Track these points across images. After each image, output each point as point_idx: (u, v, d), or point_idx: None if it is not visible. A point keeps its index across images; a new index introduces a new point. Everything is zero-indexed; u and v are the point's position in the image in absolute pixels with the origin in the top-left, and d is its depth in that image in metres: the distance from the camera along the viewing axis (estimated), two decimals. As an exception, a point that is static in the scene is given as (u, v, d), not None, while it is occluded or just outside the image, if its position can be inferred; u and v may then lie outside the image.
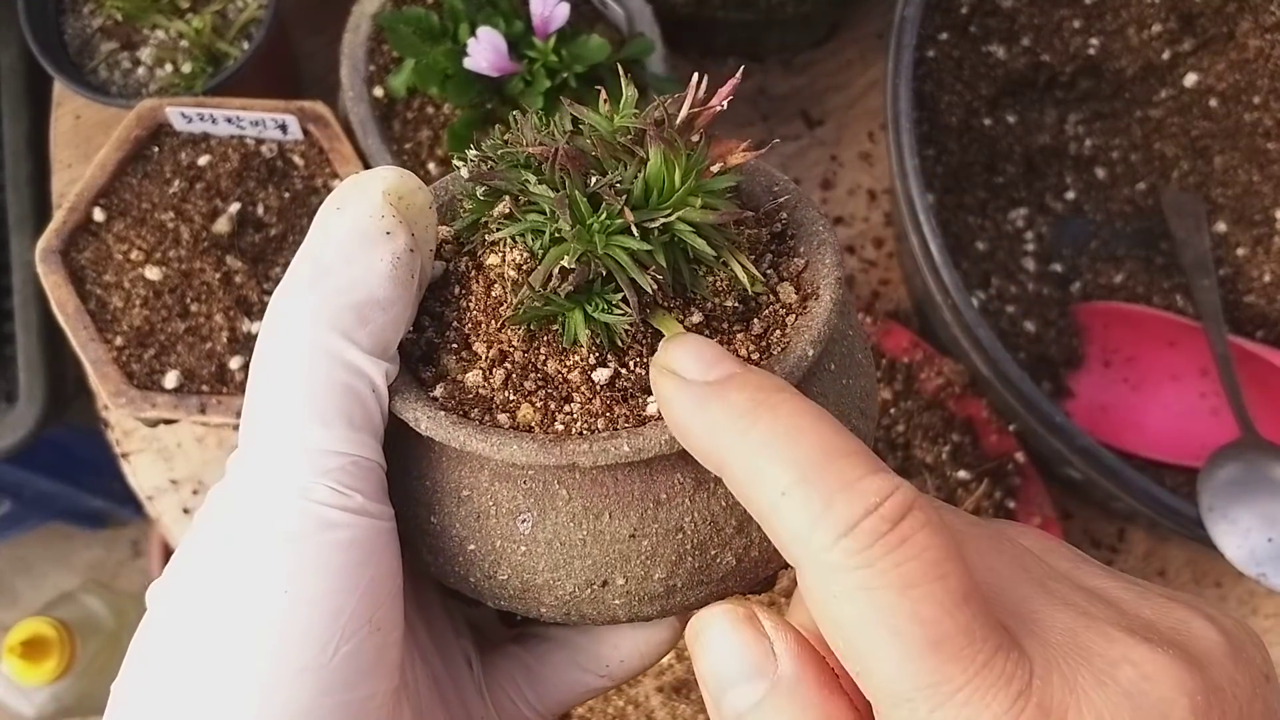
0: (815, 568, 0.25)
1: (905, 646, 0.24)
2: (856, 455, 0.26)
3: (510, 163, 0.32)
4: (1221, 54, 0.82)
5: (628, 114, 0.32)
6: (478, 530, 0.32)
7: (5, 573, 1.61)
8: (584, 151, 0.31)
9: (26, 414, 0.94)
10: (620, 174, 0.31)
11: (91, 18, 0.80)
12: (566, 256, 0.30)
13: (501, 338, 0.33)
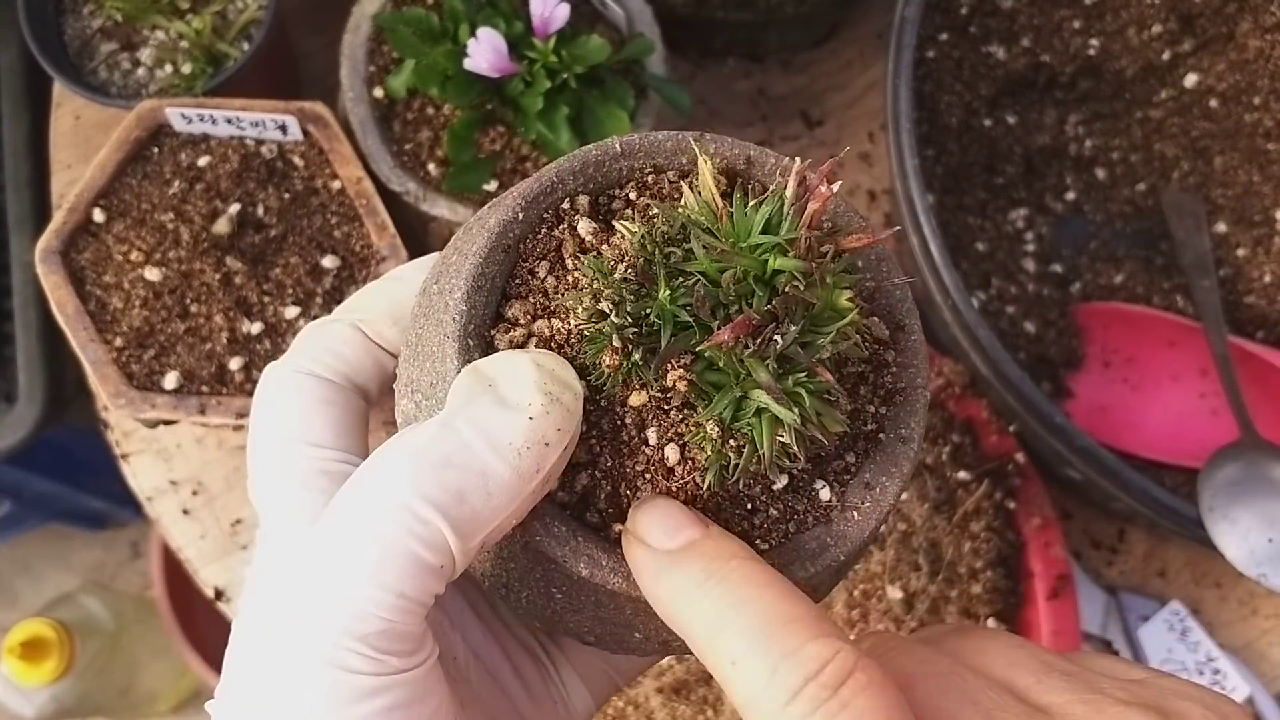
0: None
1: None
2: (800, 621, 0.27)
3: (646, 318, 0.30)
4: (1221, 54, 0.82)
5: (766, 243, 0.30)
6: (597, 620, 0.34)
7: (5, 573, 1.61)
8: (764, 315, 0.29)
9: (26, 414, 0.94)
10: (793, 324, 0.29)
11: (91, 18, 0.80)
12: (782, 433, 0.30)
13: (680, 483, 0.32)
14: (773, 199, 0.30)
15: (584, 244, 0.34)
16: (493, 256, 0.33)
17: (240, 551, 0.82)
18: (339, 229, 0.72)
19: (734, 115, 0.91)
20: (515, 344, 0.33)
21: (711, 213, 0.31)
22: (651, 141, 0.35)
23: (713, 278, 0.30)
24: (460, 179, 0.70)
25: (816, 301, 0.29)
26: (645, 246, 0.31)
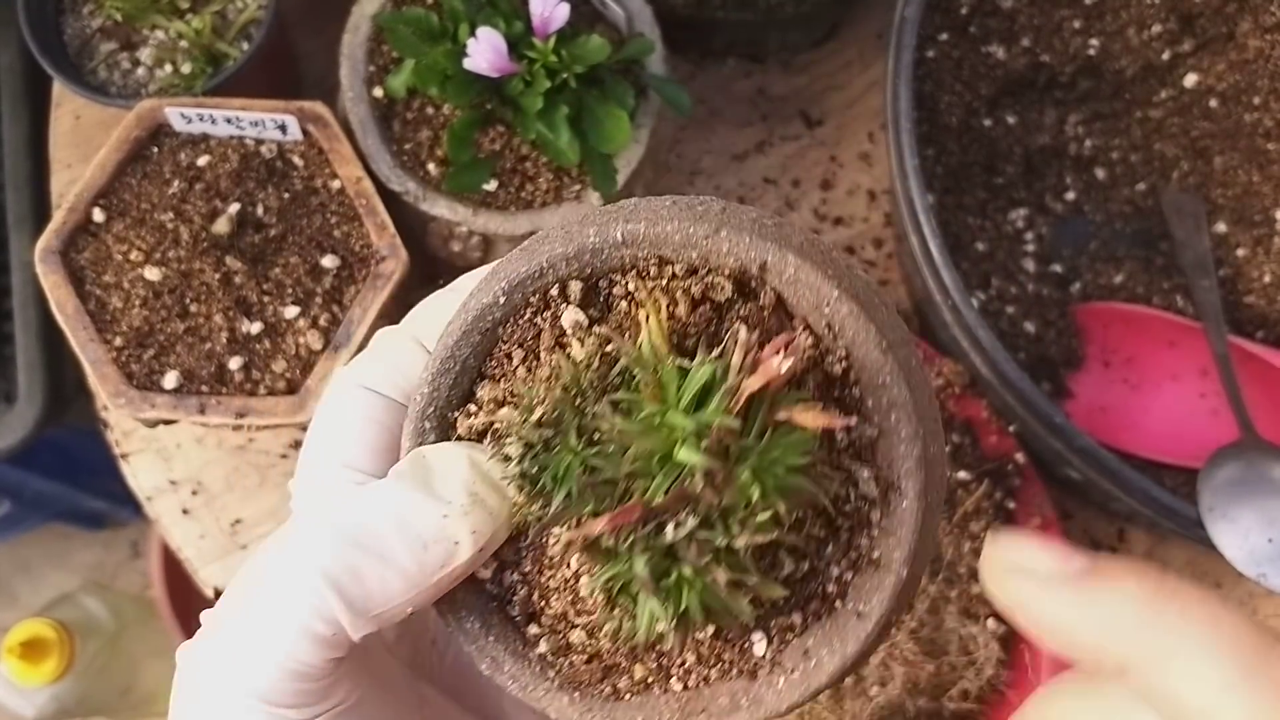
0: None
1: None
2: (1272, 635, 0.25)
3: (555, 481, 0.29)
4: (1221, 54, 0.82)
5: (682, 425, 0.28)
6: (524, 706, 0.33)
7: (4, 573, 1.61)
8: (657, 506, 0.28)
9: (26, 414, 0.94)
10: (688, 518, 0.28)
11: (91, 18, 0.80)
12: (659, 620, 0.28)
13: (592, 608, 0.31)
14: (711, 366, 0.28)
15: (562, 337, 0.32)
16: (466, 339, 0.33)
17: (240, 551, 0.82)
18: (339, 229, 0.72)
19: (734, 115, 0.91)
20: (473, 430, 0.32)
21: (653, 361, 0.29)
22: (658, 233, 0.32)
23: (621, 444, 0.28)
24: (460, 179, 0.70)
25: (719, 499, 0.27)
26: (569, 392, 0.30)
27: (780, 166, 0.90)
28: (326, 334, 0.69)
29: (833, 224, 0.89)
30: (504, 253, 0.75)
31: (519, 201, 0.72)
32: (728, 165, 0.90)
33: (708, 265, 0.32)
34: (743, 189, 0.89)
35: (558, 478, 0.29)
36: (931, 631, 0.73)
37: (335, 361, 0.68)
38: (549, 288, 0.33)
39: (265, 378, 0.69)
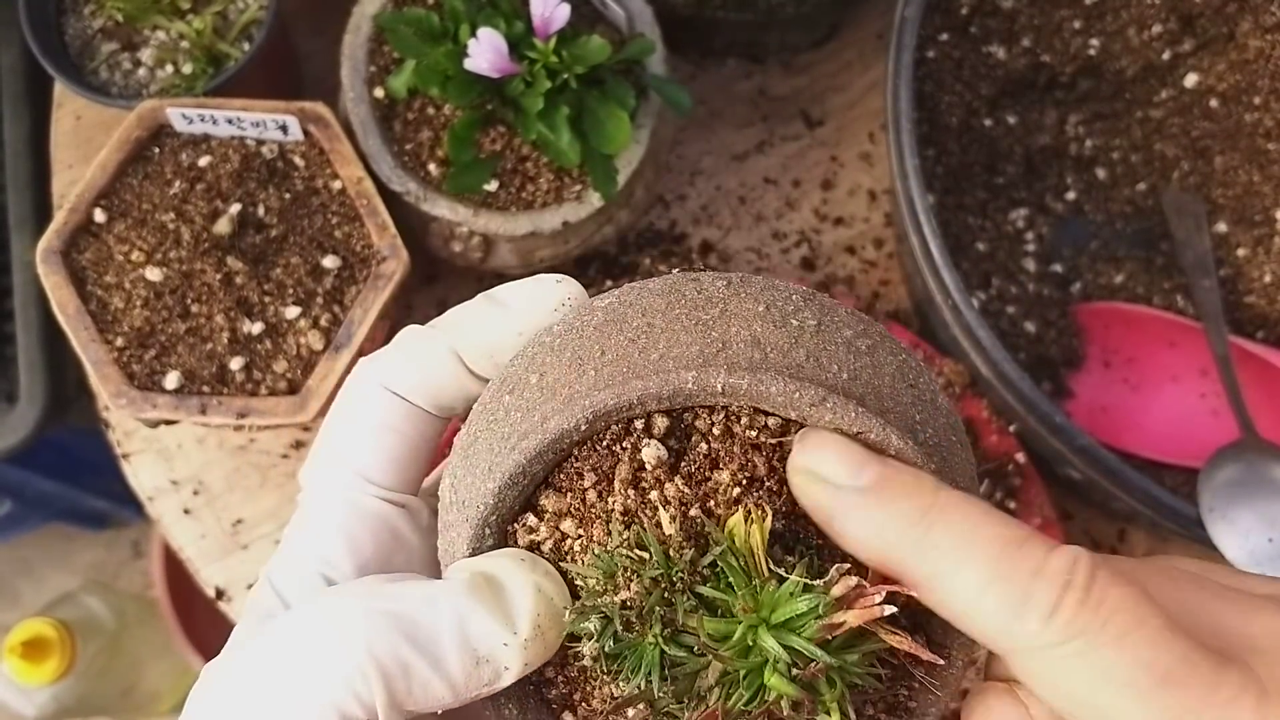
0: (1030, 653, 0.27)
1: (1139, 691, 0.26)
2: (1029, 539, 0.28)
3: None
4: (1222, 54, 0.82)
5: (772, 648, 0.28)
6: None
7: (6, 573, 1.61)
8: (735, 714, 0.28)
9: (27, 414, 0.94)
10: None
11: (92, 19, 0.80)
12: None
13: None
14: (815, 595, 0.28)
15: (639, 471, 0.31)
16: (540, 458, 0.31)
17: (241, 551, 0.82)
18: (340, 229, 0.72)
19: (734, 115, 0.91)
20: (533, 545, 0.32)
21: (748, 567, 0.29)
22: (760, 390, 0.30)
23: (706, 642, 0.28)
24: (461, 179, 0.70)
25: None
26: (659, 583, 0.29)
27: (781, 166, 0.90)
28: (327, 334, 0.70)
29: (833, 224, 0.89)
30: (504, 253, 0.75)
31: (520, 202, 0.73)
32: (728, 165, 0.90)
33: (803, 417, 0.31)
34: (743, 189, 0.90)
35: (635, 670, 0.29)
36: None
37: (336, 362, 0.68)
38: (633, 420, 0.32)
39: (266, 378, 0.69)
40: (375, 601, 0.29)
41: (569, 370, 0.32)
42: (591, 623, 0.29)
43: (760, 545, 0.29)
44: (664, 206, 0.89)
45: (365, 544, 0.34)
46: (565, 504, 0.32)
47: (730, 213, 0.89)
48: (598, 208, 0.72)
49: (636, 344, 0.31)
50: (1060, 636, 0.26)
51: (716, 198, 0.89)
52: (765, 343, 0.31)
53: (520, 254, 0.75)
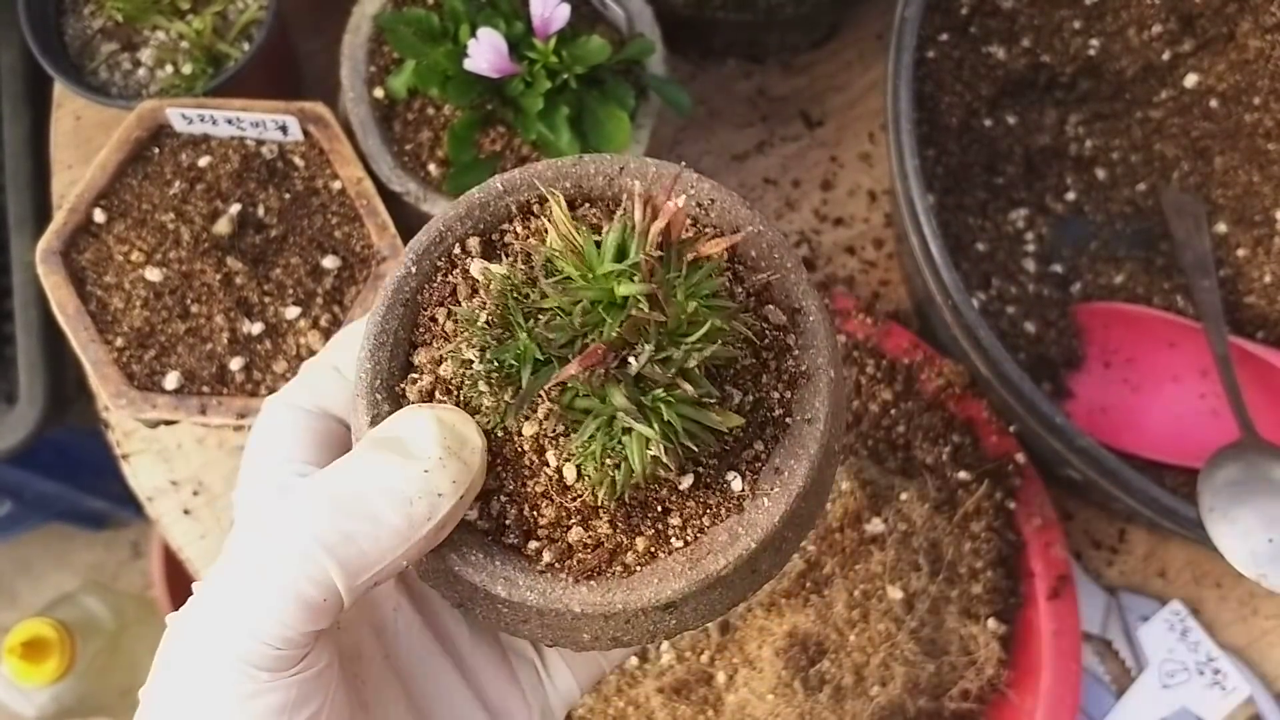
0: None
1: None
2: None
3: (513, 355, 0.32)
4: (1222, 55, 0.82)
5: (614, 270, 0.31)
6: (544, 627, 0.36)
7: (5, 573, 1.61)
8: (616, 341, 0.31)
9: (27, 415, 0.94)
10: (646, 344, 0.31)
11: (92, 19, 0.80)
12: (651, 446, 0.31)
13: (580, 501, 0.34)
14: (619, 224, 0.31)
15: (475, 284, 0.35)
16: (391, 313, 0.35)
17: (241, 551, 0.82)
18: (339, 229, 0.72)
19: (734, 116, 0.91)
20: (423, 392, 0.35)
21: (569, 246, 0.32)
22: (532, 173, 0.37)
23: (567, 310, 0.31)
24: (461, 179, 0.70)
25: (667, 319, 0.30)
26: (504, 291, 0.32)
27: (781, 167, 0.90)
28: (327, 334, 0.70)
29: (833, 224, 0.89)
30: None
31: (519, 202, 0.73)
32: (728, 165, 0.90)
33: (581, 193, 0.36)
34: (743, 189, 0.90)
35: (520, 357, 0.32)
36: (932, 632, 0.73)
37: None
38: (451, 249, 0.36)
39: (266, 378, 0.69)
40: (306, 494, 0.32)
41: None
42: (470, 352, 0.32)
43: (566, 220, 0.32)
44: (664, 207, 0.89)
45: None
46: (434, 351, 0.35)
47: (730, 213, 0.89)
48: (598, 208, 0.72)
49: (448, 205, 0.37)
50: None
51: (716, 198, 0.89)
52: (539, 163, 0.37)
53: (520, 254, 0.75)
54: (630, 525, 0.34)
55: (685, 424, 0.31)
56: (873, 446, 0.77)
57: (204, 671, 0.31)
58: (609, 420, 0.31)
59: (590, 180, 0.37)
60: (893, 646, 0.72)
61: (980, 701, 0.74)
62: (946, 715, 0.74)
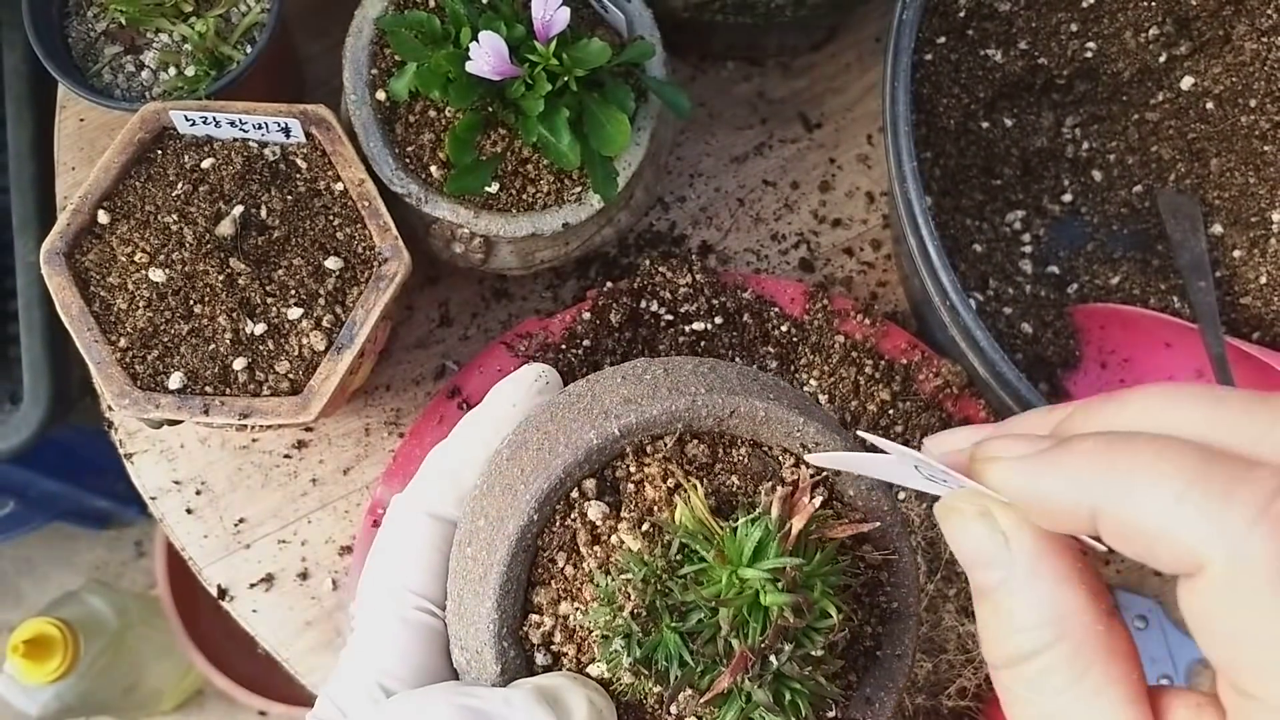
0: (1227, 565, 0.25)
1: None
2: (1228, 455, 0.26)
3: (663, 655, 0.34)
4: (1218, 57, 0.82)
5: (759, 576, 0.33)
6: None
7: (9, 573, 1.61)
8: (758, 647, 0.33)
9: (31, 415, 0.94)
10: (785, 644, 0.33)
11: (95, 21, 0.80)
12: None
13: None
14: (760, 524, 0.33)
15: (595, 530, 0.37)
16: (515, 560, 0.37)
17: (243, 551, 0.82)
18: (342, 231, 0.72)
19: (733, 118, 0.92)
20: (545, 637, 0.37)
21: (704, 532, 0.34)
22: (647, 418, 0.38)
23: (710, 606, 0.33)
24: (462, 181, 0.71)
25: (806, 619, 0.33)
26: (648, 582, 0.34)
27: (779, 169, 0.91)
28: (330, 335, 0.70)
29: (831, 225, 0.89)
30: (505, 255, 0.76)
31: (520, 204, 0.73)
32: (727, 167, 0.91)
33: (690, 430, 0.38)
34: (742, 191, 0.90)
35: (669, 656, 0.34)
36: (930, 630, 0.73)
37: (338, 362, 0.69)
38: (569, 492, 0.38)
39: (269, 378, 0.69)
40: (458, 698, 0.33)
41: (502, 497, 0.38)
42: (616, 643, 0.34)
43: (704, 509, 0.34)
44: (663, 208, 0.89)
45: (417, 653, 0.39)
46: (553, 590, 0.37)
47: (729, 214, 0.89)
48: (598, 209, 0.73)
49: (543, 448, 0.38)
50: (1267, 544, 0.24)
51: (716, 199, 0.90)
52: (631, 395, 0.39)
53: (521, 255, 0.76)
54: None
55: (818, 698, 0.34)
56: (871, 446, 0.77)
57: None
58: (744, 709, 0.33)
59: (700, 422, 0.38)
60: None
61: (978, 699, 0.75)
62: (944, 713, 0.75)
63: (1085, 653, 0.28)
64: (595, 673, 0.36)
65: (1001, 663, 0.29)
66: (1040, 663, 0.28)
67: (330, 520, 0.83)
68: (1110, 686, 0.28)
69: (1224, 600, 0.26)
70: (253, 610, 0.82)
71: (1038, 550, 0.30)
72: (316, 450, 0.84)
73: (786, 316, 0.81)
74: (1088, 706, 0.28)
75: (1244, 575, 0.25)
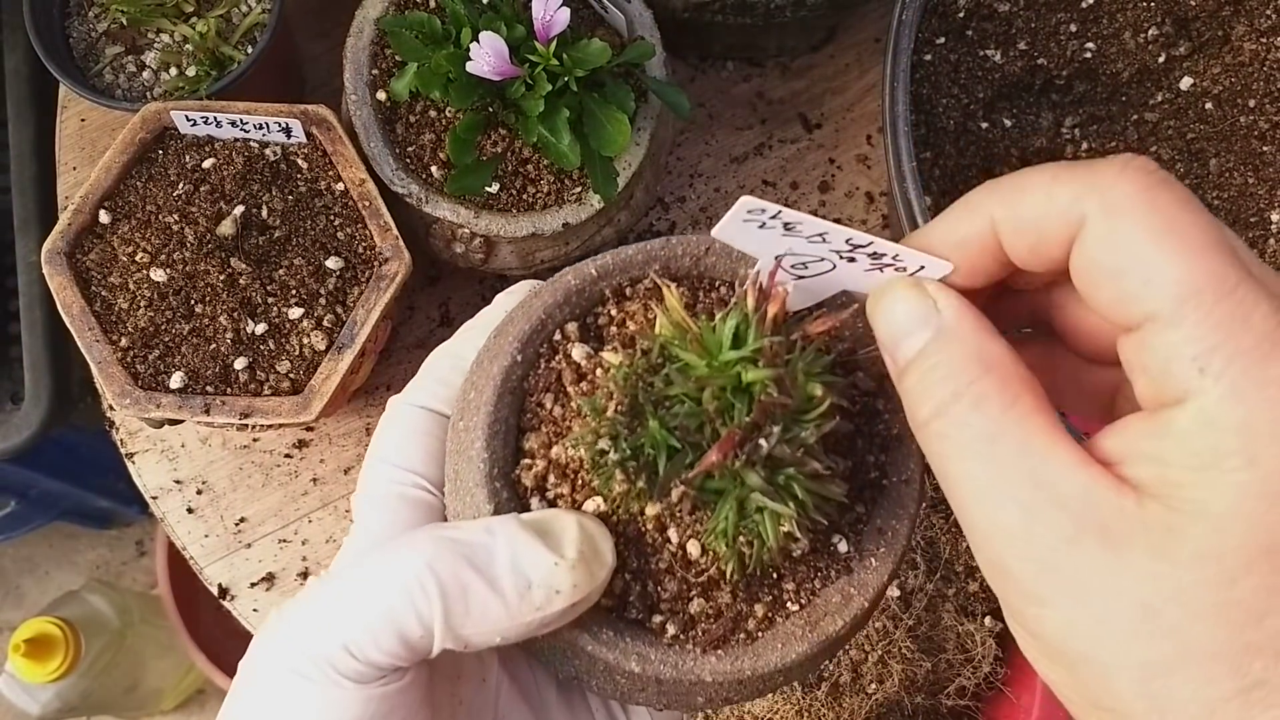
0: (1106, 195, 0.29)
1: (1190, 244, 0.27)
2: (1104, 159, 0.30)
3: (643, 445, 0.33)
4: (1217, 57, 0.82)
5: (738, 357, 0.32)
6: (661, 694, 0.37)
7: (11, 572, 1.62)
8: (746, 426, 0.32)
9: (32, 414, 0.95)
10: (774, 426, 0.32)
11: (96, 22, 0.81)
12: (784, 521, 0.32)
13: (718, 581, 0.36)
14: (736, 311, 0.33)
15: (580, 369, 0.37)
16: (501, 401, 0.37)
17: (244, 550, 0.83)
18: (342, 230, 0.72)
19: (733, 118, 0.92)
20: (537, 478, 0.36)
21: (683, 333, 0.34)
22: (623, 258, 0.38)
23: (694, 396, 0.33)
24: (462, 181, 0.71)
25: (792, 400, 0.32)
26: (630, 380, 0.33)
27: (779, 169, 0.91)
28: (330, 334, 0.70)
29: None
30: (505, 255, 0.76)
31: (521, 204, 0.73)
32: (727, 167, 0.91)
33: (669, 273, 0.38)
34: (741, 191, 0.90)
35: (655, 445, 0.33)
36: (929, 629, 0.73)
37: (339, 362, 0.69)
38: (551, 335, 0.38)
39: (270, 378, 0.70)
40: (439, 530, 0.33)
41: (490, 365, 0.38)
42: (602, 443, 0.33)
43: (679, 308, 0.34)
44: (663, 208, 0.89)
45: (416, 526, 0.38)
46: (544, 435, 0.37)
47: (729, 214, 0.90)
48: (598, 209, 0.73)
49: (521, 308, 0.39)
50: (1134, 183, 0.28)
51: (715, 199, 0.90)
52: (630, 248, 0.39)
53: (521, 255, 0.76)
54: (750, 593, 0.36)
55: (815, 493, 0.33)
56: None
57: (290, 668, 0.32)
58: (740, 500, 0.33)
59: (677, 261, 0.39)
60: (890, 644, 0.73)
61: (977, 699, 0.75)
62: (944, 712, 0.75)
63: (1014, 383, 0.30)
64: (591, 507, 0.36)
65: (931, 412, 0.31)
66: (971, 395, 0.30)
67: (331, 519, 0.83)
68: (1040, 412, 0.29)
69: (1104, 241, 0.29)
70: (253, 609, 0.82)
71: (963, 307, 0.32)
72: (317, 450, 0.84)
73: (786, 316, 0.81)
74: (1021, 426, 0.29)
75: (1117, 213, 0.28)
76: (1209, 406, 0.26)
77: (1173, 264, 0.27)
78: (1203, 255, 0.27)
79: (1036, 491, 0.28)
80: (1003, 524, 0.28)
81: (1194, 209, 0.28)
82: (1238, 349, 0.26)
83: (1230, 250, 0.27)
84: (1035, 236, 0.31)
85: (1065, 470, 0.28)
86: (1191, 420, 0.27)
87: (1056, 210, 0.30)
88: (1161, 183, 0.28)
